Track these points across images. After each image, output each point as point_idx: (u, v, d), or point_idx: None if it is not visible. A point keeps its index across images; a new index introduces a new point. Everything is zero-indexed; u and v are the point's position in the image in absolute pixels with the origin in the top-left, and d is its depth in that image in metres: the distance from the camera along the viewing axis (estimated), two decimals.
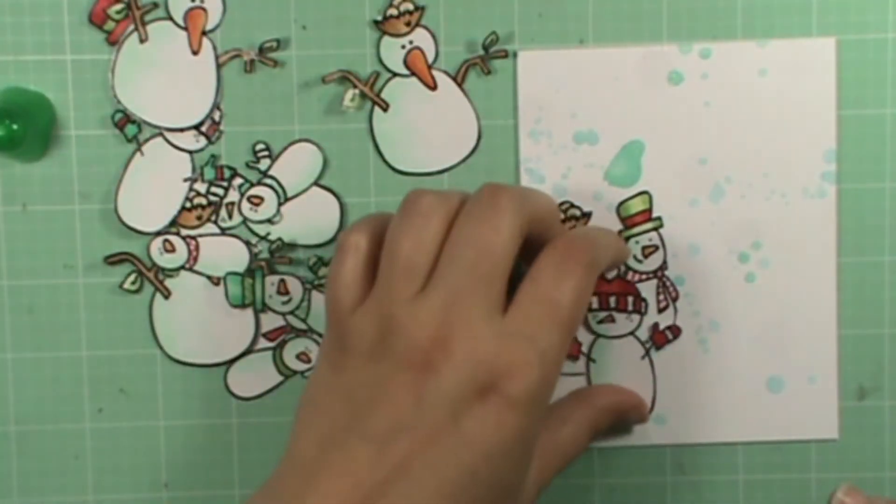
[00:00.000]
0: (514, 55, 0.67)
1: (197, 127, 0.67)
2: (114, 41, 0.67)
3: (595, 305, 0.68)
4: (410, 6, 0.67)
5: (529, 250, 0.58)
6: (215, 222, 0.68)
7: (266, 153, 0.68)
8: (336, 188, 0.68)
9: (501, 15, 0.67)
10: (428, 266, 0.56)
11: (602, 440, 0.69)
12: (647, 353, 0.68)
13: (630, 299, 0.68)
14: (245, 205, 0.68)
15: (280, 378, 0.69)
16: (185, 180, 0.68)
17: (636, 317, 0.68)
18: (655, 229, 0.68)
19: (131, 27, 0.67)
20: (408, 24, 0.67)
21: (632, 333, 0.68)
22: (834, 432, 0.69)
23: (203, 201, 0.68)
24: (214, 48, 0.67)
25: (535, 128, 0.68)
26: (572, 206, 0.68)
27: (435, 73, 0.67)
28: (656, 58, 0.67)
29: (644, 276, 0.68)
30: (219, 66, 0.67)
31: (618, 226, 0.68)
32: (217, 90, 0.67)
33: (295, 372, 0.69)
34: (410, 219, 0.56)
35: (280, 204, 0.68)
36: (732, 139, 0.67)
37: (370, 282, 0.57)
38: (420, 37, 0.67)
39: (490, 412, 0.53)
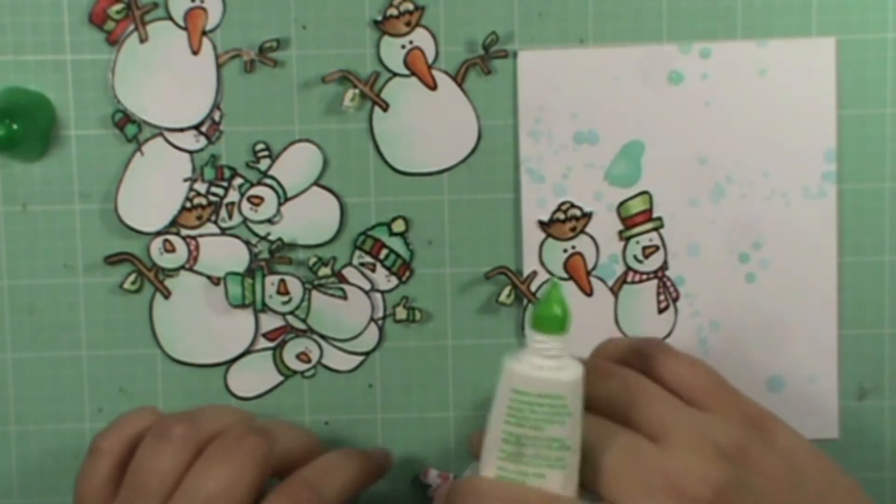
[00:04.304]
0: (514, 55, 0.67)
1: (197, 127, 0.67)
2: (114, 41, 0.67)
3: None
4: (410, 6, 0.67)
5: None
6: (215, 222, 0.68)
7: (266, 153, 0.68)
8: (336, 188, 0.68)
9: (501, 15, 0.67)
10: (164, 494, 0.57)
11: None
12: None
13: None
14: (245, 205, 0.68)
15: (280, 378, 0.69)
16: (185, 180, 0.68)
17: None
18: (656, 229, 0.68)
19: (131, 27, 0.67)
20: (408, 24, 0.67)
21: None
22: (834, 432, 0.69)
23: (203, 201, 0.68)
24: (214, 48, 0.67)
25: (535, 128, 0.68)
26: (572, 206, 0.68)
27: (435, 73, 0.67)
28: (656, 58, 0.67)
29: (644, 276, 0.68)
30: (219, 66, 0.67)
31: (618, 226, 0.68)
32: (217, 90, 0.67)
33: (295, 372, 0.69)
34: (160, 444, 0.58)
35: (280, 204, 0.68)
36: (732, 139, 0.68)
37: (117, 487, 0.58)
38: (420, 37, 0.67)
39: None
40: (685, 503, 0.50)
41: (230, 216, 0.68)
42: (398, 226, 0.68)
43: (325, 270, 0.68)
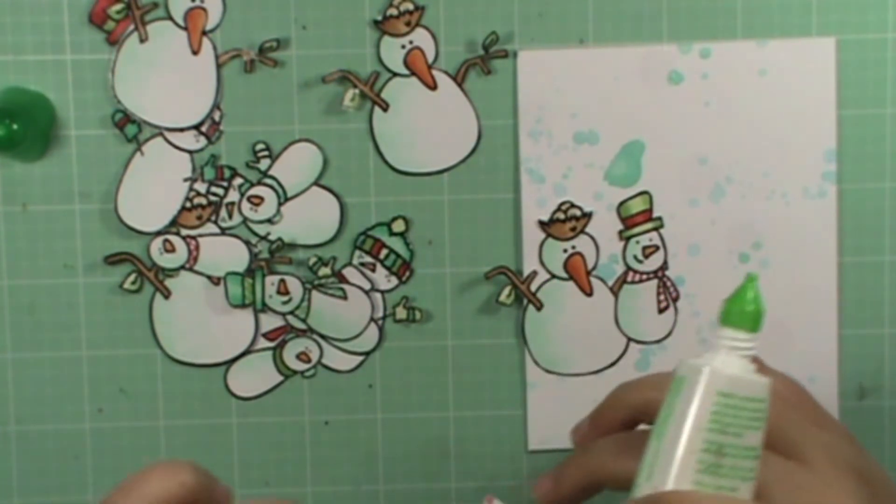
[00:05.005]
0: (514, 55, 0.67)
1: (197, 127, 0.67)
2: (114, 41, 0.67)
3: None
4: (410, 6, 0.67)
5: None
6: (215, 222, 0.68)
7: (266, 153, 0.68)
8: (336, 188, 0.68)
9: (501, 15, 0.67)
10: None
11: None
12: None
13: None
14: (245, 205, 0.68)
15: (280, 378, 0.69)
16: (185, 180, 0.68)
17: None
18: (656, 229, 0.68)
19: (131, 27, 0.67)
20: (408, 24, 0.67)
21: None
22: None
23: (203, 201, 0.68)
24: (214, 48, 0.67)
25: (535, 128, 0.67)
26: (572, 205, 0.68)
27: (435, 73, 0.67)
28: (656, 58, 0.67)
29: (644, 276, 0.68)
30: (219, 66, 0.67)
31: (618, 226, 0.68)
32: (217, 90, 0.67)
33: (295, 372, 0.69)
34: None
35: (280, 204, 0.68)
36: (732, 139, 0.67)
37: None
38: (420, 37, 0.67)
39: None
40: None
41: (230, 216, 0.68)
42: (398, 226, 0.68)
43: (325, 270, 0.68)
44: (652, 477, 0.47)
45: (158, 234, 0.68)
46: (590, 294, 0.68)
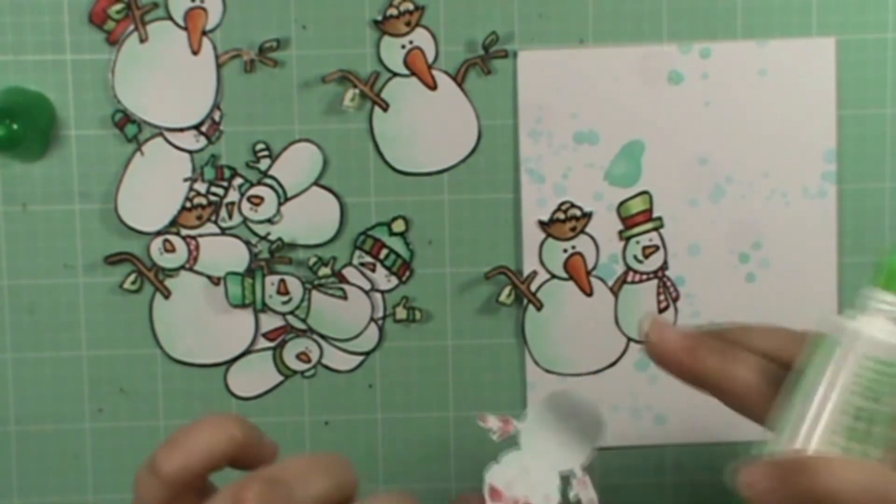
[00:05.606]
0: (514, 55, 0.67)
1: (197, 127, 0.68)
2: (114, 41, 0.67)
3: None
4: (410, 6, 0.67)
5: None
6: (215, 222, 0.68)
7: (266, 153, 0.68)
8: (336, 188, 0.68)
9: (501, 15, 0.67)
10: None
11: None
12: None
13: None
14: (245, 205, 0.68)
15: (280, 378, 0.69)
16: (185, 180, 0.68)
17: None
18: (656, 229, 0.68)
19: (131, 27, 0.67)
20: (408, 23, 0.67)
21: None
22: None
23: (203, 201, 0.68)
24: (214, 48, 0.67)
25: (535, 128, 0.68)
26: (572, 205, 0.68)
27: (435, 73, 0.67)
28: (656, 58, 0.67)
29: (644, 276, 0.68)
30: (219, 66, 0.67)
31: (618, 226, 0.68)
32: (217, 90, 0.67)
33: (295, 372, 0.69)
34: None
35: (280, 204, 0.68)
36: (732, 139, 0.68)
37: None
38: (420, 37, 0.67)
39: None
40: None
41: (230, 216, 0.68)
42: (398, 226, 0.68)
43: (325, 270, 0.68)
44: (795, 438, 0.46)
45: (158, 234, 0.68)
46: (590, 294, 0.68)
